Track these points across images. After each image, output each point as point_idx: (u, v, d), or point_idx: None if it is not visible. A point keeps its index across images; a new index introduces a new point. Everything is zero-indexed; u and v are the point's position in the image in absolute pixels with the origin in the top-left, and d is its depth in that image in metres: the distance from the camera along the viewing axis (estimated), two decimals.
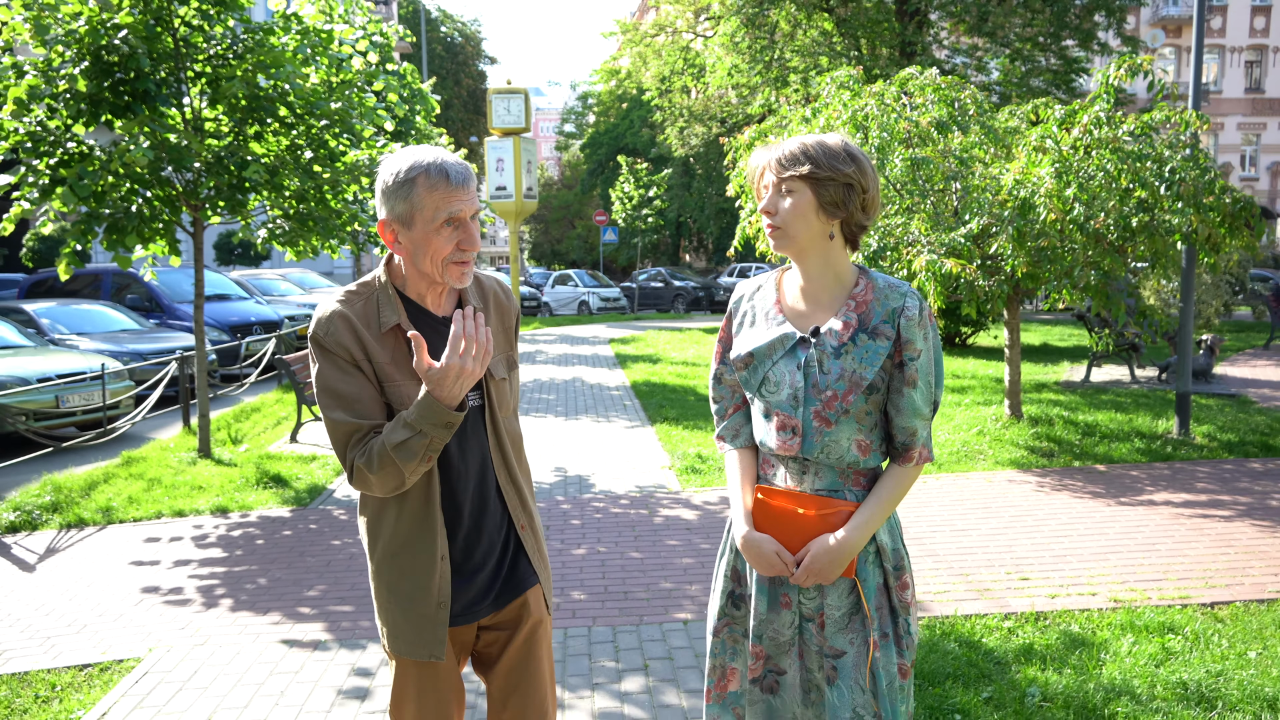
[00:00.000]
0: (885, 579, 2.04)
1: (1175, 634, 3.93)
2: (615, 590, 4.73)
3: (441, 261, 1.99)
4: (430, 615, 2.05)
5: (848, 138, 2.02)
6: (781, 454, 2.04)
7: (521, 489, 2.20)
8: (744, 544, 2.05)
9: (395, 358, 2.03)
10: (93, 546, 5.81)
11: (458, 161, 1.98)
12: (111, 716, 3.55)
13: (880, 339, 1.98)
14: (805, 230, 1.98)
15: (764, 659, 2.08)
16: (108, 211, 7.30)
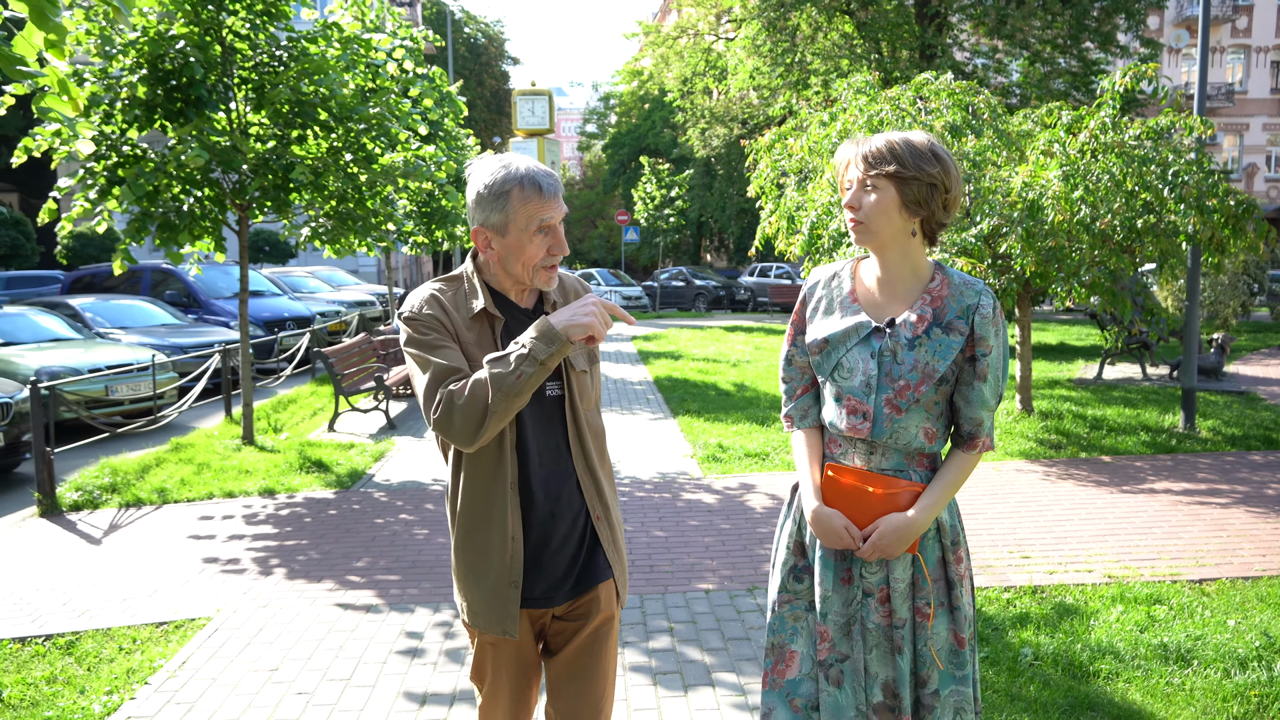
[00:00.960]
0: (943, 554, 2.15)
1: (1162, 604, 4.24)
2: (642, 564, 5.09)
3: (533, 267, 2.10)
4: (503, 593, 2.13)
5: (934, 138, 2.09)
6: (851, 436, 2.13)
7: (600, 480, 2.23)
8: (814, 518, 2.13)
9: (480, 340, 2.13)
10: (152, 523, 6.22)
11: (548, 172, 2.08)
12: (191, 665, 3.94)
13: (954, 334, 2.06)
14: (888, 226, 2.06)
15: (830, 641, 2.14)
16: (160, 211, 7.75)
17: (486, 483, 2.13)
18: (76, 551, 5.66)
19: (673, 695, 3.55)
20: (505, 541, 2.12)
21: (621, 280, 31.37)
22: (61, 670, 3.95)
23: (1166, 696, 3.36)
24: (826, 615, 2.14)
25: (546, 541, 2.15)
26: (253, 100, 7.87)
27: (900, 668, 2.10)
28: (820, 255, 8.48)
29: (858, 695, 2.12)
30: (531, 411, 2.16)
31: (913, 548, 2.08)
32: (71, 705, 3.57)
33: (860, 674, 2.12)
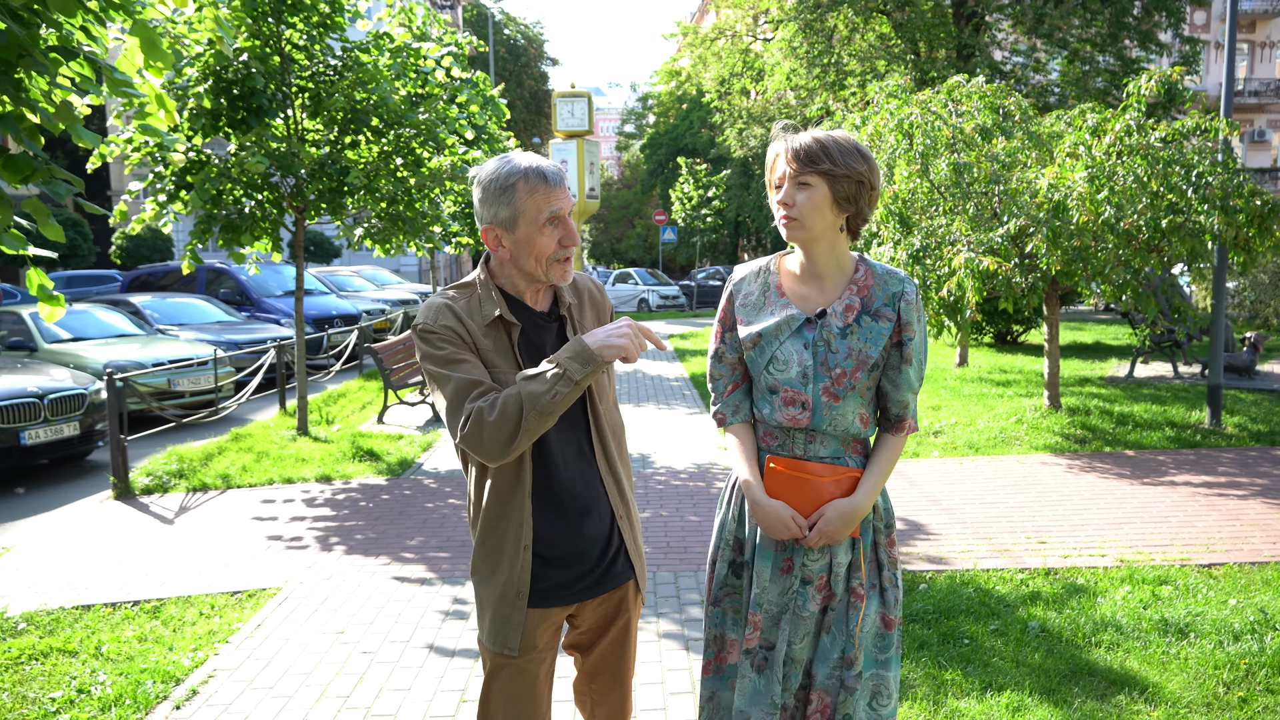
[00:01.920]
0: (875, 536, 2.21)
1: (1168, 585, 4.47)
2: (676, 545, 5.41)
3: (546, 260, 2.08)
4: (508, 604, 2.13)
5: (855, 137, 2.16)
6: (789, 427, 2.18)
7: (620, 479, 2.25)
8: (758, 510, 2.16)
9: (497, 347, 2.12)
10: (218, 506, 6.66)
11: (551, 163, 2.08)
12: (266, 627, 4.33)
13: (882, 320, 2.15)
14: (820, 222, 2.11)
15: (759, 630, 2.19)
16: (223, 213, 8.22)
17: (507, 492, 2.13)
18: (152, 530, 6.11)
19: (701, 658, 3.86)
20: (518, 551, 2.12)
21: (659, 279, 31.69)
22: (150, 631, 4.36)
23: (1162, 664, 3.62)
24: (761, 605, 2.19)
25: (568, 543, 2.15)
26: (309, 108, 8.30)
27: (822, 645, 2.16)
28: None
29: (773, 686, 2.17)
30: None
31: (855, 531, 2.15)
32: (163, 659, 3.98)
33: (780, 665, 2.16)
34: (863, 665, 2.16)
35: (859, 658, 2.15)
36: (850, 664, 2.14)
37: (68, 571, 5.27)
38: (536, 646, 2.16)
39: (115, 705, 3.56)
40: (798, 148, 2.10)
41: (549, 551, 2.14)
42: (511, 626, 2.13)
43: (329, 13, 8.04)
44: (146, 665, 3.90)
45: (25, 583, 5.11)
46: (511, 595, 2.13)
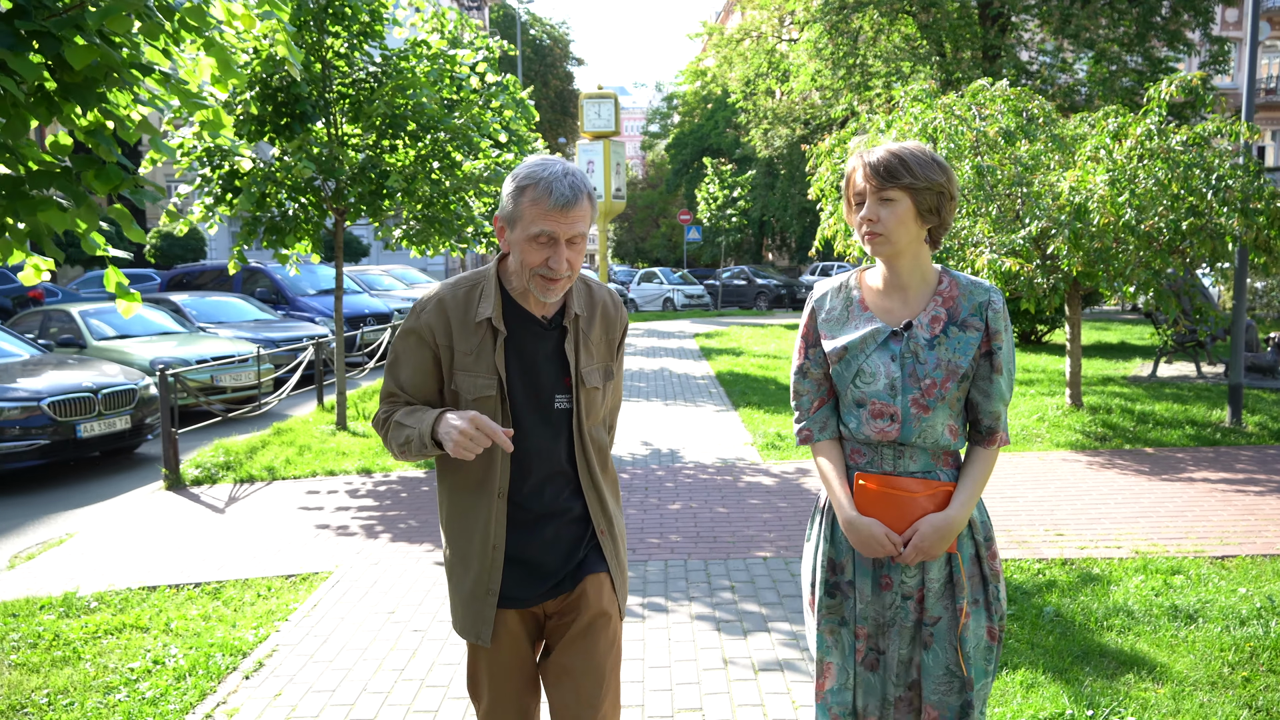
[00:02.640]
0: (977, 550, 2.20)
1: (1180, 575, 4.65)
2: (705, 535, 5.64)
3: (529, 270, 2.07)
4: (479, 598, 2.17)
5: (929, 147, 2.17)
6: (878, 440, 2.16)
7: (604, 493, 2.26)
8: (851, 528, 2.15)
9: (479, 349, 2.14)
10: (265, 496, 6.96)
11: (571, 185, 2.04)
12: (321, 607, 4.61)
13: (970, 330, 2.15)
14: (905, 236, 2.12)
15: (867, 638, 2.21)
16: (268, 215, 8.53)
17: (473, 490, 2.17)
18: (204, 519, 6.41)
19: (733, 638, 4.10)
20: (486, 550, 2.15)
21: (683, 279, 31.90)
22: (213, 610, 4.65)
23: (1170, 647, 3.81)
24: (866, 619, 2.21)
25: (537, 549, 2.18)
26: (349, 113, 8.60)
27: (925, 663, 2.16)
28: None
29: (886, 685, 2.20)
30: (534, 420, 2.18)
31: (951, 546, 2.14)
32: (228, 635, 4.26)
33: (893, 665, 2.19)
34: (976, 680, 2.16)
35: (974, 677, 2.15)
36: (969, 685, 2.15)
37: (129, 556, 5.58)
38: (512, 634, 2.21)
39: (189, 675, 3.84)
40: (876, 163, 2.11)
41: (515, 553, 2.17)
42: (483, 621, 2.17)
43: (369, 21, 8.34)
44: (214, 640, 4.19)
45: (91, 566, 5.42)
46: (482, 592, 2.16)
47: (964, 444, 2.21)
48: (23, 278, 4.00)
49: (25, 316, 11.90)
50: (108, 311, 11.96)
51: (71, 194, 3.44)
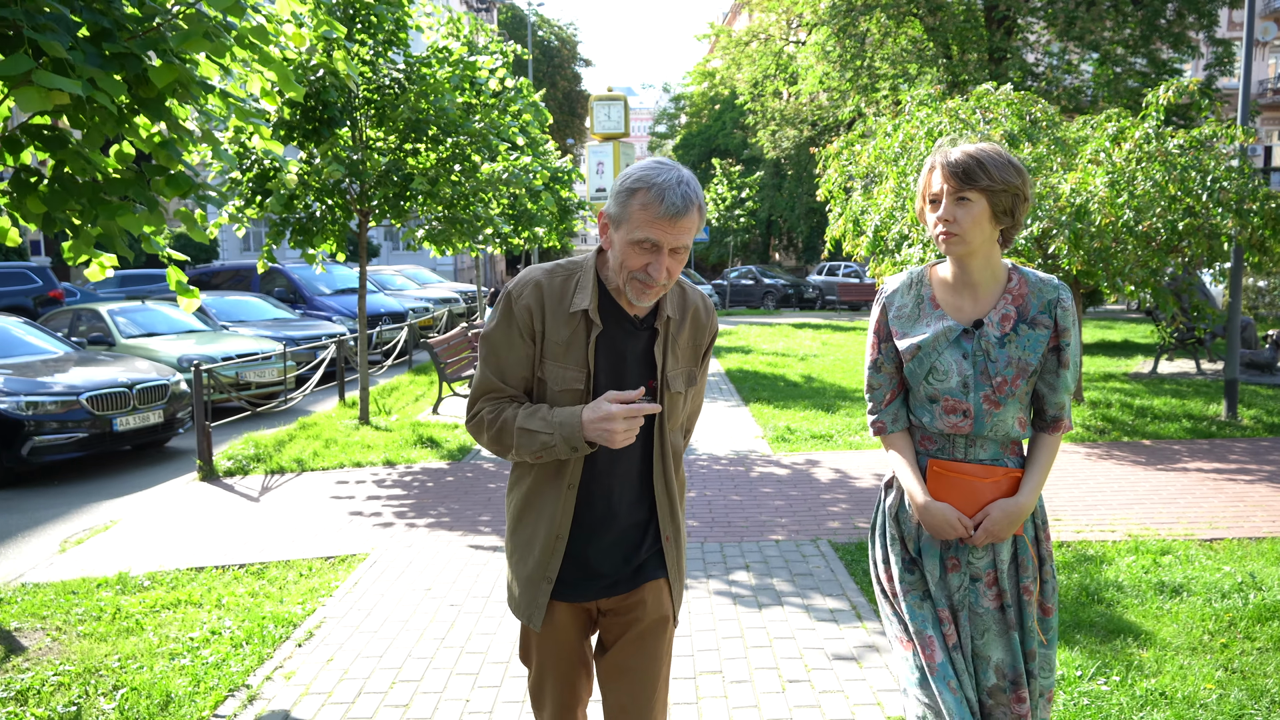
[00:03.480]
0: (1036, 533, 2.30)
1: (1169, 555, 4.94)
2: (720, 520, 5.94)
3: (627, 272, 2.06)
4: (536, 584, 2.19)
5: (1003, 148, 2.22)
6: (950, 433, 2.25)
7: (674, 499, 2.26)
8: (925, 513, 2.23)
9: (571, 340, 2.13)
10: (296, 486, 7.28)
11: (684, 195, 2.01)
12: (361, 585, 4.92)
13: (1040, 328, 2.21)
14: (980, 236, 2.17)
15: (951, 622, 2.28)
16: (295, 217, 8.85)
17: (547, 479, 2.18)
18: (241, 507, 6.73)
19: (749, 611, 4.40)
20: (550, 539, 2.17)
21: (692, 279, 32.18)
22: (259, 588, 4.96)
23: (1156, 617, 4.10)
24: (940, 601, 2.27)
25: (602, 548, 2.20)
26: (373, 118, 8.92)
27: (1014, 645, 2.23)
28: (884, 255, 9.21)
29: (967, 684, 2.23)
30: None
31: (1019, 530, 2.23)
32: (277, 609, 4.57)
33: (969, 659, 2.24)
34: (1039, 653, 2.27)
35: (1037, 650, 2.25)
36: (1031, 656, 2.25)
37: (174, 540, 5.90)
38: (562, 622, 2.23)
39: (246, 643, 4.15)
40: (955, 165, 2.15)
41: (576, 550, 2.19)
42: (536, 606, 2.19)
43: (393, 30, 8.65)
44: (265, 614, 4.50)
45: (138, 550, 5.74)
46: (539, 577, 2.18)
47: (1029, 433, 2.29)
48: (89, 274, 4.31)
49: (55, 315, 12.24)
50: (134, 310, 12.31)
51: (145, 199, 3.75)
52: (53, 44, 2.84)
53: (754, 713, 3.41)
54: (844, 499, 6.39)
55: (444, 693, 3.65)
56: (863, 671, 3.72)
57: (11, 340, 9.57)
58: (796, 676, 3.69)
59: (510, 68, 13.17)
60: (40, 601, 4.79)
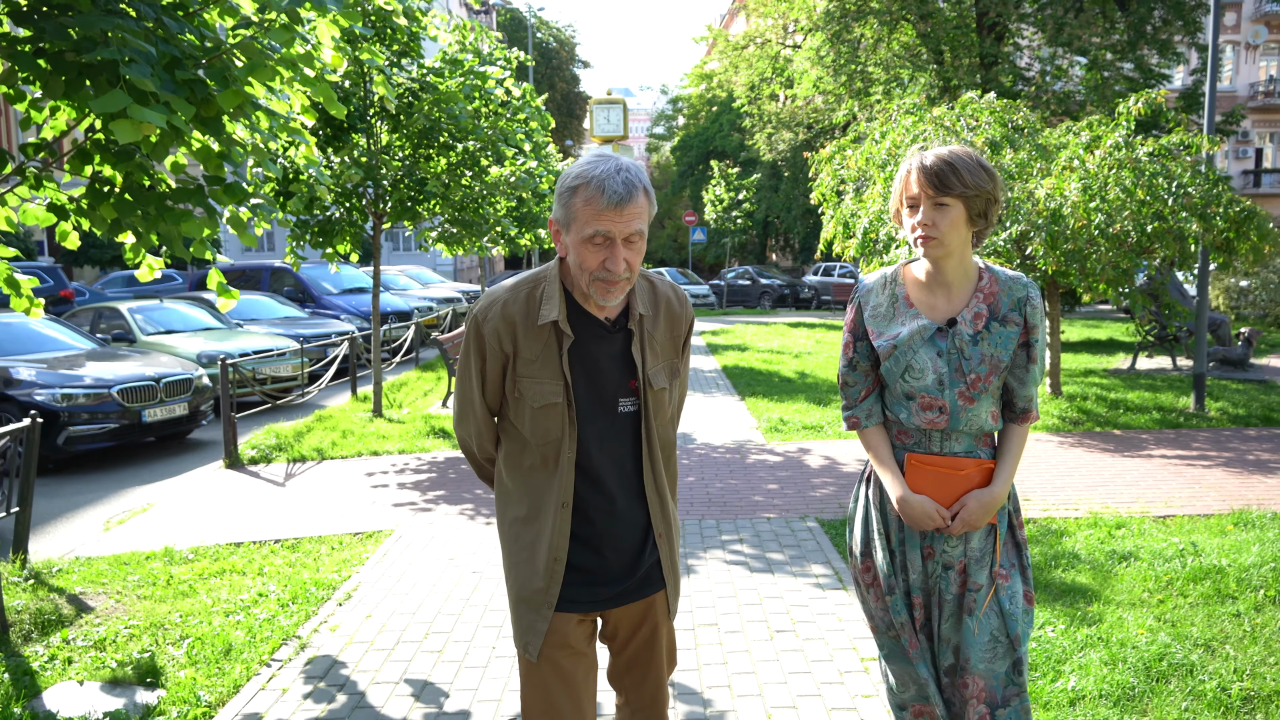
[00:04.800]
0: (1010, 520, 2.37)
1: (1124, 529, 5.43)
2: (717, 500, 6.43)
3: (588, 274, 2.01)
4: (533, 611, 2.15)
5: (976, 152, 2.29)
6: (927, 429, 2.32)
7: (665, 497, 2.24)
8: (905, 505, 2.30)
9: (543, 354, 2.09)
10: (318, 473, 7.75)
11: (625, 181, 1.96)
12: (390, 556, 5.40)
13: (1010, 325, 2.28)
14: (957, 239, 2.24)
15: (924, 608, 2.38)
16: (315, 219, 9.33)
17: (539, 497, 2.15)
18: (268, 491, 7.20)
19: (743, 575, 4.88)
20: (548, 562, 2.13)
21: (689, 279, 32.68)
22: (295, 559, 5.44)
23: (1104, 579, 4.59)
24: (918, 589, 2.37)
25: (601, 556, 2.17)
26: (388, 125, 9.40)
27: (967, 628, 2.29)
28: (873, 256, 9.71)
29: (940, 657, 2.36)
30: (602, 426, 2.15)
31: (993, 518, 2.31)
32: (316, 576, 5.05)
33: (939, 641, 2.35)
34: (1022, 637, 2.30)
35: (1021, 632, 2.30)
36: (1018, 641, 2.29)
37: (208, 520, 6.37)
38: (569, 645, 2.17)
39: (292, 603, 4.63)
40: (930, 170, 2.21)
41: (579, 561, 2.16)
42: (534, 633, 2.14)
43: (407, 41, 9.13)
44: (304, 579, 4.98)
45: (176, 529, 6.21)
46: (539, 603, 2.14)
47: (1000, 425, 2.37)
48: (139, 275, 4.78)
49: (78, 312, 12.71)
50: (152, 309, 12.78)
51: (205, 207, 4.23)
52: (144, 81, 3.31)
53: (745, 656, 3.90)
54: (831, 482, 6.88)
55: (472, 641, 4.13)
56: (841, 625, 4.21)
57: (39, 337, 10.03)
58: (783, 628, 4.18)
59: (515, 75, 13.67)
60: (97, 571, 5.26)
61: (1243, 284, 18.20)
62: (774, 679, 3.69)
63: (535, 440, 2.12)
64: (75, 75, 3.62)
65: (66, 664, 3.97)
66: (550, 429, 2.10)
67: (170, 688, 3.70)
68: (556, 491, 2.12)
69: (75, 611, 4.60)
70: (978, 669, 2.28)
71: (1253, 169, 41.06)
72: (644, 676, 2.32)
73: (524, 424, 2.12)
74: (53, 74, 3.61)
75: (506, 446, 2.21)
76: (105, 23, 3.44)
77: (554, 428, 2.10)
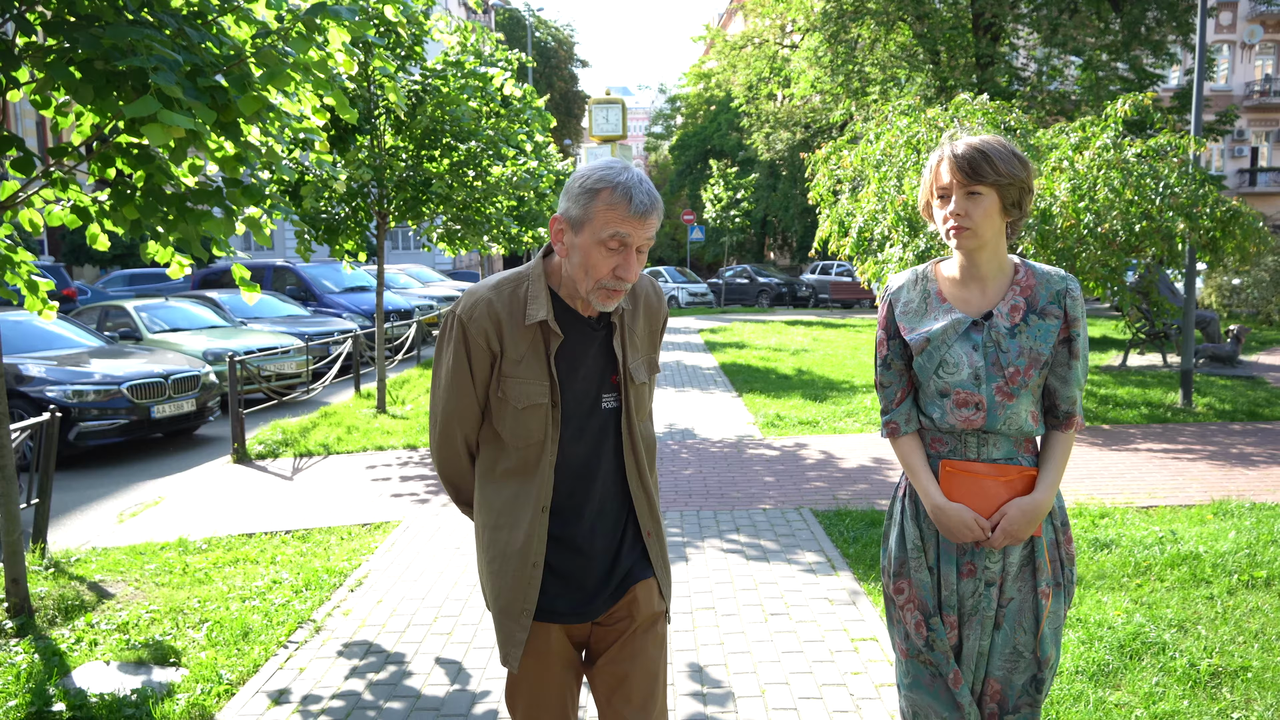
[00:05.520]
0: (1055, 534, 2.24)
1: (1107, 518, 5.62)
2: (715, 492, 6.62)
3: (595, 280, 2.00)
4: (512, 620, 2.09)
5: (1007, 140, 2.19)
6: (963, 429, 2.19)
7: (651, 494, 2.20)
8: (941, 515, 2.18)
9: (529, 353, 2.05)
10: (325, 467, 7.93)
11: (649, 193, 1.98)
12: (398, 545, 5.59)
13: (1050, 318, 2.17)
14: (990, 229, 2.15)
15: (956, 628, 2.24)
16: (322, 218, 9.51)
17: (517, 501, 2.10)
18: (276, 484, 7.39)
19: (741, 563, 5.07)
20: (525, 567, 2.08)
21: (687, 277, 32.87)
22: (307, 549, 5.62)
23: (1086, 564, 4.78)
24: (952, 607, 2.23)
25: (586, 558, 2.12)
26: (392, 126, 9.58)
27: (996, 642, 2.21)
28: (867, 255, 9.89)
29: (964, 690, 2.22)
30: (582, 424, 2.12)
31: (1037, 530, 2.17)
32: (327, 564, 5.23)
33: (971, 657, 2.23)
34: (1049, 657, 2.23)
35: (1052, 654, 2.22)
36: (1046, 663, 2.21)
37: (220, 512, 6.55)
38: (550, 654, 2.13)
39: (305, 589, 4.81)
40: (962, 159, 2.13)
41: (559, 565, 2.11)
42: (513, 643, 2.10)
43: (411, 45, 9.31)
44: (316, 567, 5.16)
45: (188, 520, 6.39)
46: (517, 612, 2.09)
47: (1042, 429, 2.25)
48: (170, 272, 4.97)
49: (83, 311, 12.89)
50: (157, 307, 12.96)
51: (223, 208, 4.41)
52: (172, 88, 3.50)
53: (741, 637, 4.09)
54: (826, 475, 7.07)
55: (479, 624, 4.32)
56: (834, 608, 4.40)
57: (48, 334, 10.21)
58: (778, 611, 4.37)
59: (516, 76, 13.85)
60: (114, 560, 5.44)
61: (1235, 282, 18.41)
62: (768, 658, 3.88)
63: (516, 443, 2.09)
64: (104, 83, 3.80)
65: (92, 646, 4.15)
66: (533, 430, 2.07)
67: (192, 667, 3.88)
68: (536, 495, 2.07)
69: (96, 597, 4.78)
70: (995, 674, 2.22)
71: (1248, 168, 41.30)
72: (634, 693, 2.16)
73: (505, 427, 2.08)
74: (82, 82, 3.79)
75: (483, 453, 2.16)
76: (134, 32, 3.63)
77: (536, 429, 2.07)
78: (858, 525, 5.61)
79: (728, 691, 3.60)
